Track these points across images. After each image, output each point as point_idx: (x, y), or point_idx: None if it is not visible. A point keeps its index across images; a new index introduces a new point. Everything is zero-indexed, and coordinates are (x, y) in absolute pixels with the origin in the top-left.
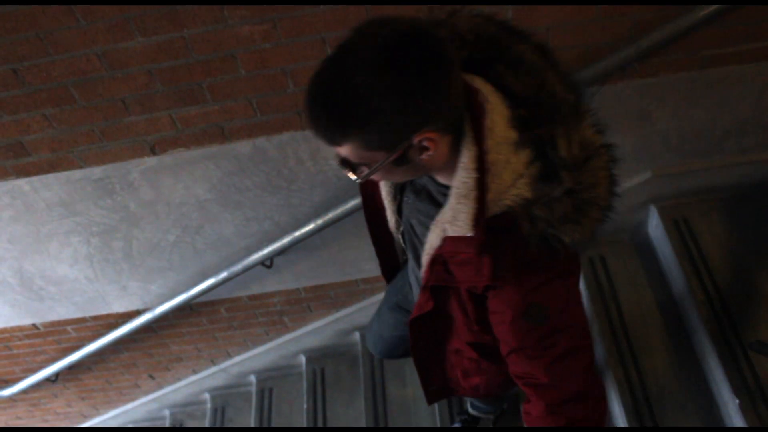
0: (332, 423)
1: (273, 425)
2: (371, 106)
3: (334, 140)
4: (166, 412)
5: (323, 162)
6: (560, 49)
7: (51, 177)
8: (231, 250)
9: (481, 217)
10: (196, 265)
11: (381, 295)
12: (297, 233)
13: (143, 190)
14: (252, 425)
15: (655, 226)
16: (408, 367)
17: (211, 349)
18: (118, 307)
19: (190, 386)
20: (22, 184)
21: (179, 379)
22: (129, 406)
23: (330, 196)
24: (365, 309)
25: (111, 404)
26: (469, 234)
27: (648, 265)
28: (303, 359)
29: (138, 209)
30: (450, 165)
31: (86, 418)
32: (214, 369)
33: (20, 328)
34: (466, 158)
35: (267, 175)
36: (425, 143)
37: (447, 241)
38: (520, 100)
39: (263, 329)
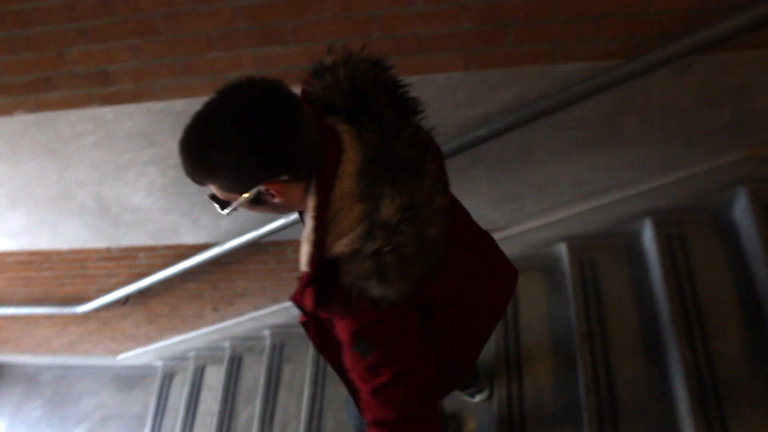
0: None
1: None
2: (219, 160)
3: (199, 182)
4: (227, 344)
5: None
6: (660, 14)
7: (133, 107)
8: None
9: (315, 258)
10: None
11: None
12: None
13: None
14: (308, 365)
15: (742, 210)
16: None
17: (275, 288)
18: (189, 239)
19: (251, 321)
20: (106, 112)
21: (242, 314)
22: (192, 333)
23: None
24: None
25: (176, 330)
26: (304, 269)
27: (731, 249)
28: None
29: None
30: (306, 204)
31: (152, 341)
32: (276, 307)
33: (96, 251)
34: (310, 205)
35: None
36: (272, 191)
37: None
38: (371, 153)
39: None
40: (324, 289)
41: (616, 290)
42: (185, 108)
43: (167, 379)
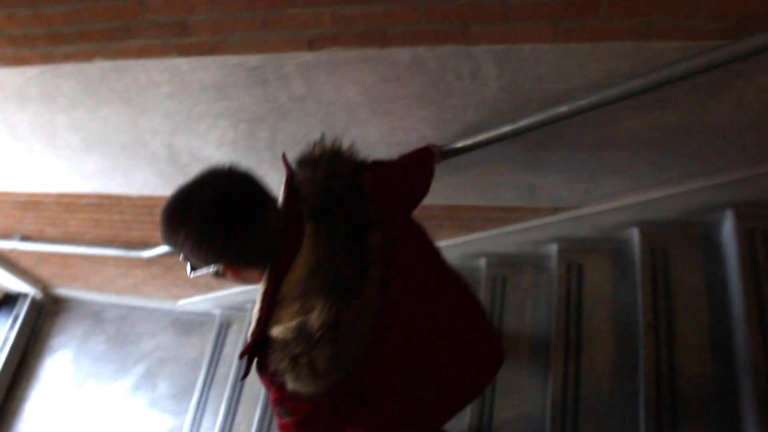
0: None
1: None
2: (183, 240)
3: (172, 248)
4: None
5: (482, 82)
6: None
7: (209, 59)
8: (372, 156)
9: (255, 333)
10: None
11: (517, 226)
12: (443, 149)
13: (295, 84)
14: None
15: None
16: (528, 303)
17: None
18: None
19: None
20: (182, 63)
21: None
22: (251, 287)
23: (483, 118)
24: (496, 237)
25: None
26: (248, 340)
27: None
28: None
29: (288, 102)
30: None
31: (211, 290)
32: None
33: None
34: (261, 289)
35: (422, 86)
36: (228, 272)
37: None
38: (317, 261)
39: None
40: (259, 360)
41: (687, 282)
42: (260, 63)
43: (224, 327)
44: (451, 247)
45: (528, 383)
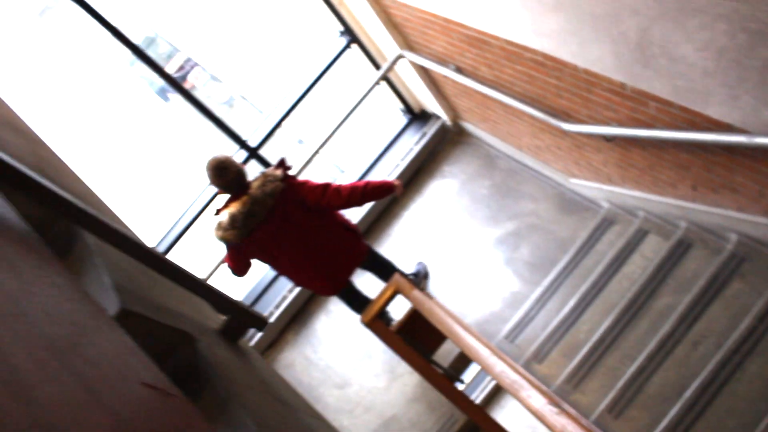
0: None
1: None
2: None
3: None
4: (683, 224)
5: None
6: None
7: None
8: None
9: None
10: None
11: None
12: None
13: None
14: (764, 297)
15: None
16: None
17: None
18: (714, 112)
19: (723, 218)
20: None
21: (718, 206)
22: (653, 196)
23: None
24: None
25: (638, 185)
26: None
27: None
28: None
29: None
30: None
31: (610, 182)
32: (761, 219)
33: (609, 81)
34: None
35: None
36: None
37: None
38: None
39: None
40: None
41: None
42: None
43: (606, 223)
44: None
45: None
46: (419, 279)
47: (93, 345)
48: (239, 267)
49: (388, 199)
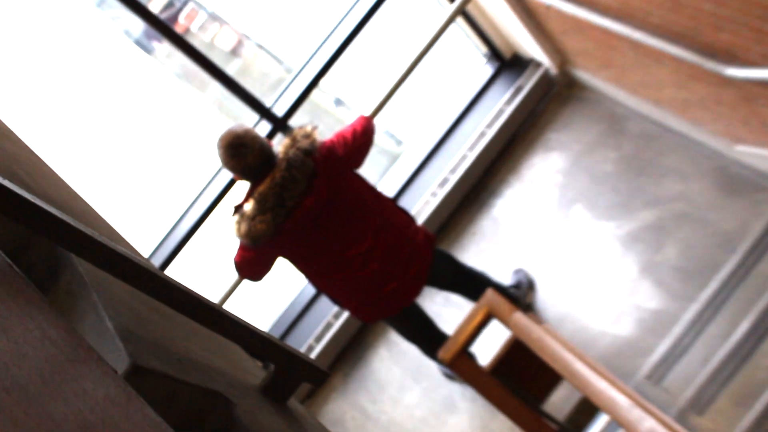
0: None
1: None
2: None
3: None
4: None
5: None
6: None
7: None
8: None
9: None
10: None
11: None
12: None
13: None
14: None
15: None
16: None
17: None
18: None
19: None
20: None
21: None
22: None
23: None
24: None
25: None
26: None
27: None
28: None
29: None
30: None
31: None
32: None
33: None
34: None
35: None
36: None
37: None
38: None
39: None
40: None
41: None
42: None
43: None
44: None
45: None
46: (522, 292)
47: (110, 426)
48: (258, 271)
49: (468, 184)
